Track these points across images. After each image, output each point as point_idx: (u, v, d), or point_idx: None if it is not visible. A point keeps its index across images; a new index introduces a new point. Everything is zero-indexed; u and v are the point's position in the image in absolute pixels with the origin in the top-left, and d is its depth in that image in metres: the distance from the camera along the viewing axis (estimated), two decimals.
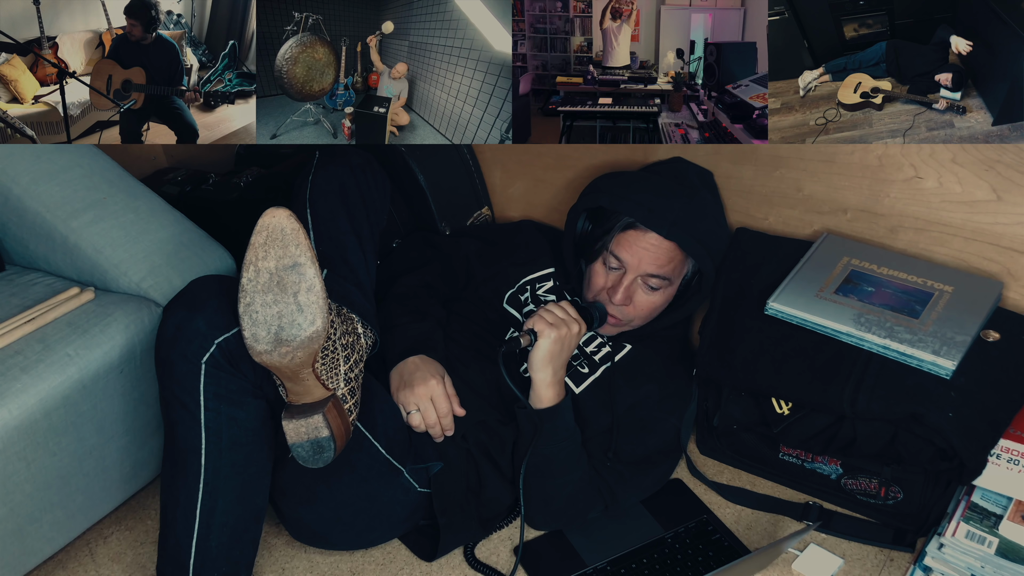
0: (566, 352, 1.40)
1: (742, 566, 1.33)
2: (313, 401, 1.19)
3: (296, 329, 1.15)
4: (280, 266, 1.13)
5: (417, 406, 1.37)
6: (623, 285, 1.46)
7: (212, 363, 1.20)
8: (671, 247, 1.45)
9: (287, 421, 1.17)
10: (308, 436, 1.18)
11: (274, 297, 1.13)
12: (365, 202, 1.43)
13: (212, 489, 1.23)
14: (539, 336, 1.37)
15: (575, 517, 1.47)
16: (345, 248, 1.37)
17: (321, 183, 1.41)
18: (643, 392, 1.51)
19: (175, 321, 1.21)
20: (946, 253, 1.52)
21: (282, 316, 1.14)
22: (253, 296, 1.13)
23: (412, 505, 1.42)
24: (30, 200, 1.50)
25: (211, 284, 1.25)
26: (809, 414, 1.45)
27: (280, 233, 1.12)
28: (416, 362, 1.42)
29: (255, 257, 1.13)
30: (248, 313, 1.14)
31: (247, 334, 1.14)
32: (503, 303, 1.60)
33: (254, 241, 1.13)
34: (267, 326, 1.14)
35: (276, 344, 1.15)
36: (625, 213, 1.46)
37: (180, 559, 1.25)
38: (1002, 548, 1.29)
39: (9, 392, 1.27)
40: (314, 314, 1.15)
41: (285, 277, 1.13)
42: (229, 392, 1.22)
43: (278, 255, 1.13)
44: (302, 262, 1.13)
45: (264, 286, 1.13)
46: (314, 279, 1.14)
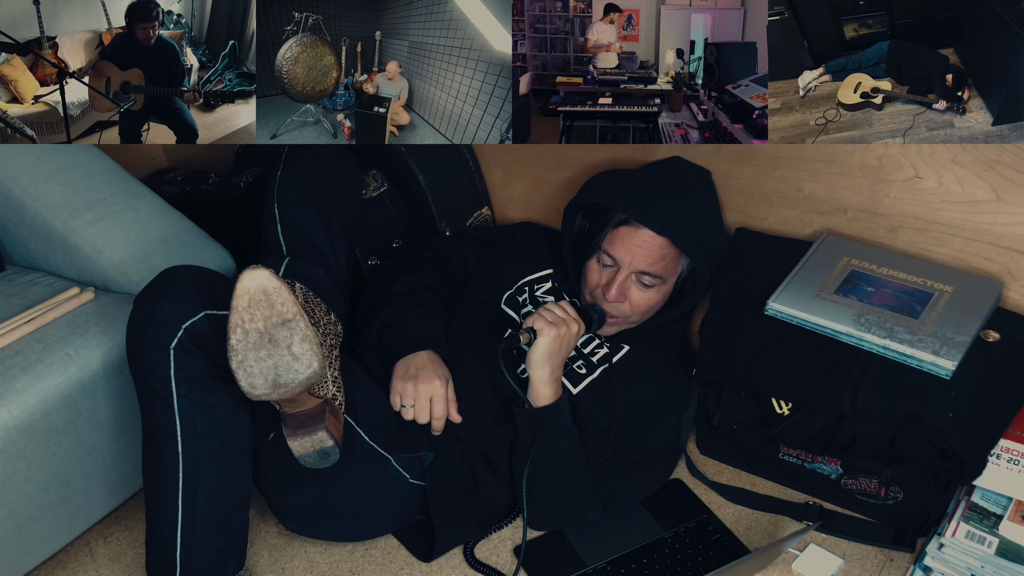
0: (564, 351, 1.40)
1: (742, 566, 1.33)
2: (308, 410, 1.20)
3: (293, 374, 1.14)
4: (269, 325, 1.11)
5: (414, 402, 1.37)
6: (617, 282, 1.46)
7: (181, 348, 1.20)
8: (664, 243, 1.45)
9: (292, 439, 1.18)
10: (313, 448, 1.19)
11: (267, 352, 1.12)
12: (333, 191, 1.44)
13: (192, 477, 1.24)
14: (538, 334, 1.37)
15: (573, 517, 1.47)
16: (311, 235, 1.38)
17: (288, 177, 1.43)
18: (641, 392, 1.51)
19: (143, 309, 1.21)
20: (946, 253, 1.52)
21: (278, 367, 1.13)
22: (245, 354, 1.12)
23: (404, 497, 1.42)
24: (30, 200, 1.51)
25: (179, 272, 1.25)
26: (809, 414, 1.45)
27: (263, 294, 1.10)
28: (425, 358, 1.42)
29: (241, 320, 1.10)
30: (242, 368, 1.12)
31: (243, 384, 1.13)
32: (501, 304, 1.60)
33: (236, 305, 1.10)
34: (263, 376, 1.13)
35: (274, 388, 1.14)
36: (618, 209, 1.46)
37: (167, 552, 1.26)
38: (1002, 548, 1.29)
39: (9, 392, 1.28)
40: (310, 358, 1.13)
41: (276, 333, 1.12)
42: (200, 377, 1.22)
43: (265, 315, 1.11)
44: (290, 317, 1.11)
45: (255, 344, 1.11)
46: (306, 329, 1.12)
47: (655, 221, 1.43)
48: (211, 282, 1.24)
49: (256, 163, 2.10)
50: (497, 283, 1.63)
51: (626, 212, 1.45)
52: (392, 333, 1.46)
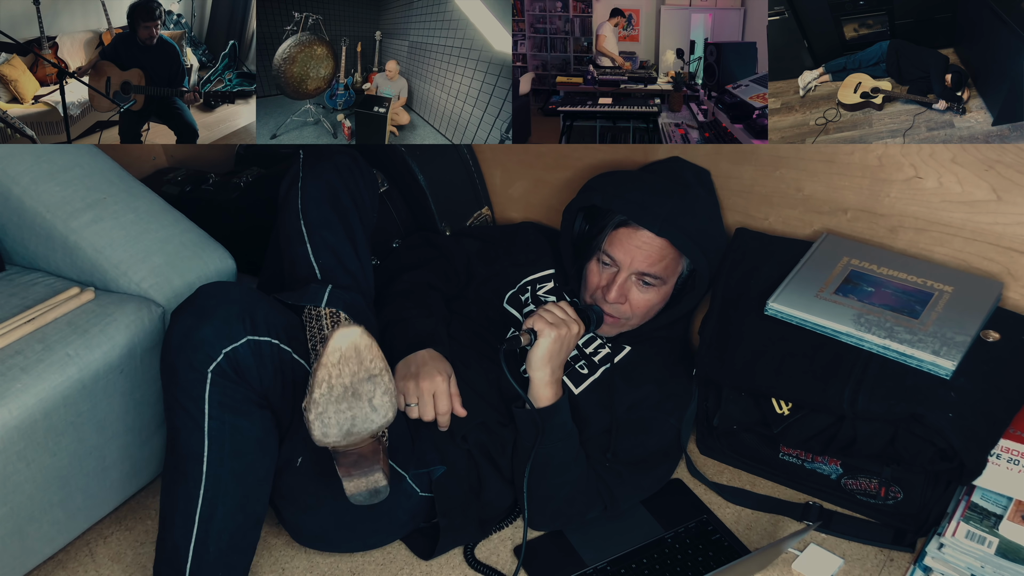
0: (564, 352, 1.40)
1: (742, 566, 1.33)
2: (361, 448, 1.21)
3: (368, 424, 1.17)
4: (355, 380, 1.15)
5: (418, 399, 1.38)
6: (617, 283, 1.46)
7: (219, 372, 1.20)
8: (663, 244, 1.45)
9: (347, 480, 1.20)
10: (367, 488, 1.21)
11: (348, 405, 1.16)
12: (356, 204, 1.43)
13: (212, 496, 1.24)
14: (539, 335, 1.37)
15: (574, 517, 1.46)
16: (342, 256, 1.37)
17: (311, 190, 1.40)
18: (642, 392, 1.51)
19: (182, 328, 1.21)
20: (946, 253, 1.52)
21: (355, 418, 1.16)
22: (326, 407, 1.15)
23: (413, 509, 1.42)
24: (30, 200, 1.50)
25: (220, 291, 1.25)
26: (809, 414, 1.45)
27: (354, 352, 1.14)
28: (425, 356, 1.42)
29: (328, 375, 1.13)
30: (320, 419, 1.15)
31: (316, 433, 1.16)
32: (503, 303, 1.60)
33: (327, 361, 1.13)
34: (339, 427, 1.16)
35: (345, 436, 1.17)
36: (617, 211, 1.46)
37: (177, 562, 1.26)
38: (1002, 548, 1.29)
39: (9, 392, 1.27)
40: (387, 410, 1.18)
41: (360, 388, 1.15)
42: (234, 402, 1.22)
43: (353, 371, 1.14)
44: (377, 372, 1.16)
45: (338, 398, 1.15)
46: (389, 383, 1.16)
47: (654, 222, 1.43)
48: (253, 305, 1.24)
49: (256, 163, 2.10)
50: (499, 282, 1.63)
51: (625, 213, 1.45)
52: (393, 333, 1.46)
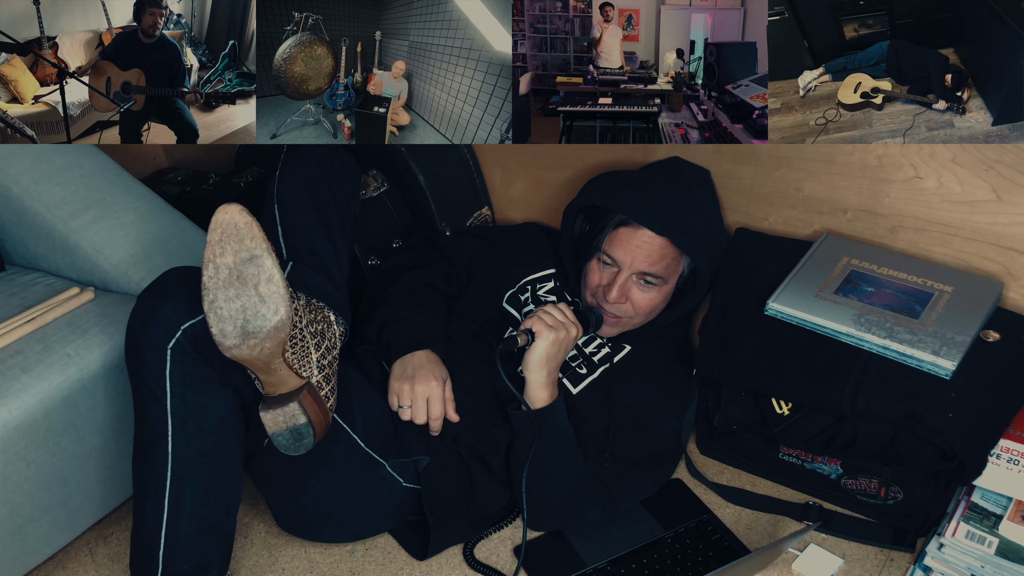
0: (562, 354, 1.40)
1: (742, 566, 1.33)
2: (288, 391, 1.21)
3: (261, 320, 1.15)
4: (238, 260, 1.14)
5: (411, 402, 1.37)
6: (617, 283, 1.46)
7: (178, 349, 1.20)
8: (664, 243, 1.45)
9: (264, 412, 1.19)
10: (286, 424, 1.19)
11: (236, 291, 1.14)
12: (333, 191, 1.44)
13: (180, 478, 1.24)
14: (536, 337, 1.37)
15: (572, 518, 1.47)
16: (312, 239, 1.38)
17: (286, 177, 1.43)
18: (641, 393, 1.50)
19: (144, 309, 1.22)
20: (946, 253, 1.52)
21: (246, 309, 1.15)
22: (216, 293, 1.14)
23: (397, 500, 1.42)
24: (30, 200, 1.51)
25: (181, 274, 1.26)
26: (809, 414, 1.45)
27: (234, 228, 1.13)
28: (422, 358, 1.42)
29: (212, 254, 1.14)
30: (213, 310, 1.15)
31: (215, 331, 1.15)
32: (503, 302, 1.60)
33: (210, 239, 1.14)
34: (232, 320, 1.15)
35: (244, 337, 1.16)
36: (617, 210, 1.46)
37: (150, 550, 1.26)
38: (1002, 548, 1.29)
39: (9, 392, 1.28)
40: (276, 303, 1.16)
41: (244, 271, 1.14)
42: (195, 379, 1.23)
43: (235, 250, 1.14)
44: (258, 254, 1.14)
45: (225, 282, 1.14)
46: (272, 269, 1.15)
47: (654, 221, 1.43)
48: None
49: (256, 163, 2.10)
50: (499, 281, 1.63)
51: (625, 213, 1.45)
52: (390, 332, 1.46)
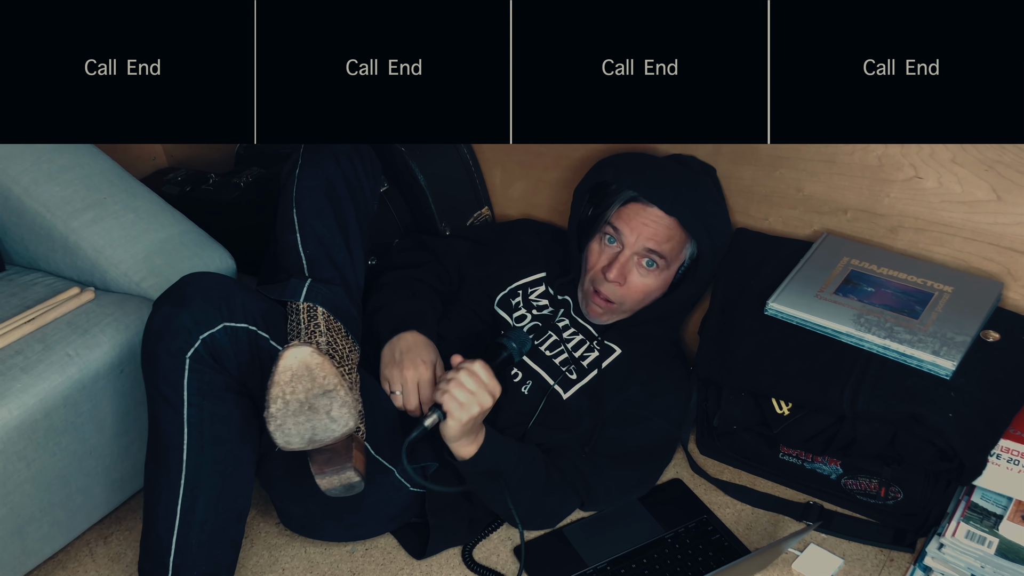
0: (479, 418, 1.31)
1: (742, 566, 1.33)
2: (333, 445, 1.21)
3: (329, 434, 1.18)
4: (310, 396, 1.15)
5: (401, 387, 1.37)
6: (619, 262, 1.45)
7: (196, 358, 1.20)
8: (672, 223, 1.45)
9: (320, 477, 1.20)
10: (340, 483, 1.21)
11: (306, 417, 1.16)
12: (352, 192, 1.41)
13: (193, 486, 1.24)
14: (448, 416, 1.27)
15: (549, 516, 1.47)
16: (330, 247, 1.36)
17: (307, 179, 1.39)
18: (628, 393, 1.51)
19: (162, 316, 1.21)
20: (946, 253, 1.52)
21: (315, 428, 1.17)
22: (284, 420, 1.16)
23: (402, 504, 1.42)
24: (30, 200, 1.51)
25: (200, 280, 1.25)
26: (809, 414, 1.45)
27: (306, 370, 1.14)
28: (409, 340, 1.41)
29: (282, 392, 1.14)
30: (280, 430, 1.16)
31: (279, 441, 1.17)
32: (494, 305, 1.60)
33: (278, 379, 1.14)
34: (300, 436, 1.17)
35: (309, 444, 1.18)
36: (629, 187, 1.45)
37: (160, 556, 1.26)
38: (1002, 548, 1.29)
39: (9, 392, 1.28)
40: (347, 419, 1.17)
41: (316, 402, 1.16)
42: (212, 388, 1.22)
43: (307, 388, 1.15)
44: (331, 388, 1.15)
45: (295, 412, 1.15)
46: (345, 396, 1.16)
47: (665, 200, 1.42)
48: (231, 292, 1.24)
49: (256, 163, 2.10)
50: (490, 284, 1.62)
51: (636, 190, 1.44)
52: (378, 320, 1.46)
